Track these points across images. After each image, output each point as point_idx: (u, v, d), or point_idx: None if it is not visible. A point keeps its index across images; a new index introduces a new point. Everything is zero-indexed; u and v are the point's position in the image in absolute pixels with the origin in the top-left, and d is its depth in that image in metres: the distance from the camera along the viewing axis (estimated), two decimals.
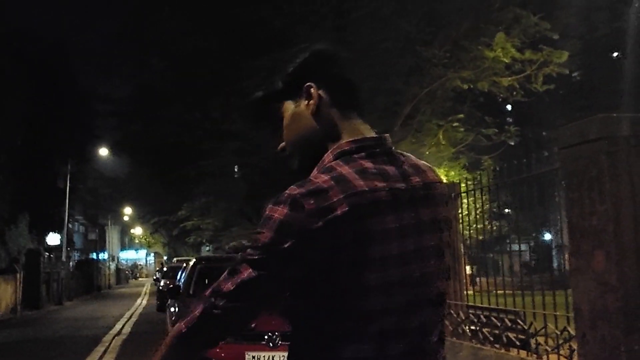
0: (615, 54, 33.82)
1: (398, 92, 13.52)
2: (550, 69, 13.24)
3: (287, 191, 1.52)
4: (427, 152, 13.90)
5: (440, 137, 13.90)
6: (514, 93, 13.52)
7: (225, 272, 1.57)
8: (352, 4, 12.35)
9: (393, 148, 1.67)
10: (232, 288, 1.53)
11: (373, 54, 12.61)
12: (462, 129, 14.14)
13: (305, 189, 1.49)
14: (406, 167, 1.63)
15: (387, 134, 1.68)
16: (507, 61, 12.66)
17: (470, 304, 7.39)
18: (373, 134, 1.68)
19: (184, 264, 16.80)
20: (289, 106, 1.72)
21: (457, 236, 7.50)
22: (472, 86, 13.29)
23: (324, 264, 1.48)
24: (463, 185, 7.68)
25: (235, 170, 21.21)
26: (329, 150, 1.64)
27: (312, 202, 1.47)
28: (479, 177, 7.72)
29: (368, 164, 1.57)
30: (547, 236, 34.60)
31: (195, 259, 11.13)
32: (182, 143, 17.56)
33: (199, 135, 17.30)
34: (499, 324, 6.57)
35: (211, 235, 27.50)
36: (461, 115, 13.86)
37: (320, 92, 1.67)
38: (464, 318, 7.22)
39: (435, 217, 1.63)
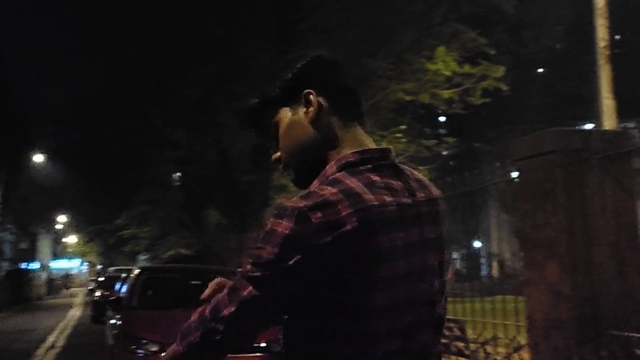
0: (540, 70, 34.98)
1: None
2: (487, 83, 13.45)
3: (289, 203, 1.40)
4: None
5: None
6: (453, 105, 13.67)
7: (225, 291, 1.45)
8: (297, 16, 12.28)
9: (396, 161, 1.58)
10: (232, 310, 1.42)
11: None
12: (404, 140, 14.22)
13: (312, 202, 1.38)
14: (411, 181, 1.55)
15: (391, 147, 1.59)
16: (448, 74, 12.80)
17: None
18: (375, 145, 1.58)
19: (123, 274, 16.30)
20: (286, 113, 1.61)
21: None
22: (414, 98, 13.39)
23: (330, 283, 1.38)
24: None
25: (174, 178, 20.83)
26: (332, 161, 1.53)
27: (319, 215, 1.36)
28: None
29: (375, 178, 1.47)
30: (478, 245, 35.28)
31: (139, 268, 10.77)
32: (121, 151, 17.13)
33: (139, 143, 16.90)
34: (446, 333, 6.56)
35: (148, 244, 27.01)
36: (404, 127, 13.94)
37: (320, 99, 1.56)
38: None
39: (438, 235, 1.56)
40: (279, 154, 1.65)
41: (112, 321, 9.45)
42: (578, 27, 30.18)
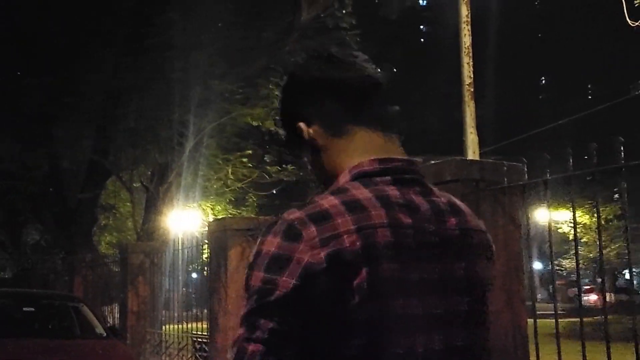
0: None
1: (184, 124, 12.92)
2: None
3: (283, 215, 1.14)
4: (215, 186, 13.50)
5: (229, 172, 13.53)
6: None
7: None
8: (147, 30, 11.58)
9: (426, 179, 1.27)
10: None
11: (163, 83, 11.96)
12: (250, 165, 13.99)
13: (306, 213, 1.11)
14: (441, 204, 1.23)
15: (418, 159, 1.27)
16: None
17: None
18: (402, 155, 1.26)
19: None
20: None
21: None
22: (260, 124, 13.17)
23: (324, 322, 1.08)
24: None
25: None
26: (346, 169, 1.23)
27: (312, 229, 1.09)
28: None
29: (393, 192, 1.18)
30: None
31: None
32: None
33: None
34: None
35: None
36: (249, 152, 13.69)
37: (312, 129, 1.27)
38: None
39: (471, 274, 1.22)
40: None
41: None
42: (407, 66, 32.23)
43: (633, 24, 6.74)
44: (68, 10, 11.78)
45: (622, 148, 2.85)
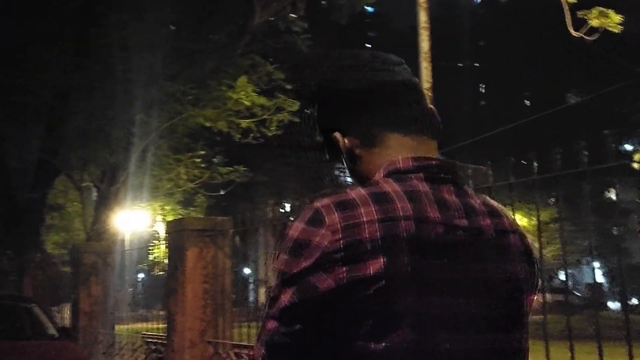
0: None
1: (135, 124, 12.68)
2: (283, 116, 13.51)
3: (314, 202, 1.13)
4: (167, 186, 13.28)
5: (181, 172, 13.33)
6: (251, 135, 13.50)
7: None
8: (99, 30, 11.30)
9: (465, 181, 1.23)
10: (262, 353, 1.11)
11: (114, 83, 11.69)
12: (203, 165, 13.81)
13: (332, 201, 1.11)
14: (476, 204, 1.18)
15: (457, 162, 1.23)
16: (248, 104, 12.63)
17: (235, 342, 6.89)
18: (438, 156, 1.23)
19: None
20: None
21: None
22: (212, 125, 13.01)
23: (336, 309, 1.06)
24: None
25: None
26: (381, 168, 1.20)
27: (335, 216, 1.08)
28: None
29: (424, 188, 1.14)
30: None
31: None
32: None
33: None
34: None
35: None
36: (202, 152, 13.52)
37: (347, 140, 1.25)
38: None
39: (507, 277, 1.16)
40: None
41: None
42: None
43: (576, 35, 6.90)
44: (10, 9, 11.38)
45: (586, 152, 2.92)
